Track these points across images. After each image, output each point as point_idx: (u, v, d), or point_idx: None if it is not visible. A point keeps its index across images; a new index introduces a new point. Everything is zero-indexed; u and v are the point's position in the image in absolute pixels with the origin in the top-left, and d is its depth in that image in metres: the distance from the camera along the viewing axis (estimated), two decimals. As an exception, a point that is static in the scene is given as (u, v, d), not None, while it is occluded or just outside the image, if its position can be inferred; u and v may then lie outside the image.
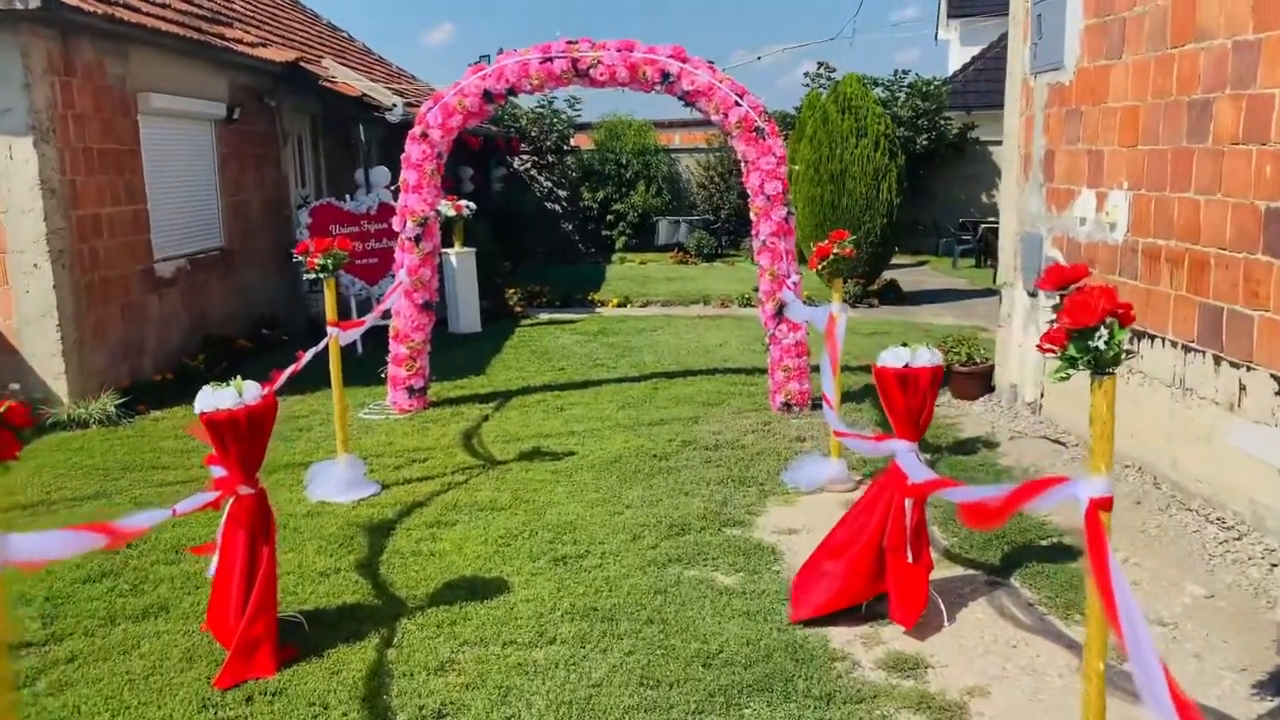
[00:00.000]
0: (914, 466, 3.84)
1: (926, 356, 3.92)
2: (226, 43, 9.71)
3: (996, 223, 19.50)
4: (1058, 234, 6.44)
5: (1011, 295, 7.30)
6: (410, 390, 7.49)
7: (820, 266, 5.56)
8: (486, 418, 7.37)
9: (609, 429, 6.98)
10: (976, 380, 7.56)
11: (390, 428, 7.17)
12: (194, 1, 10.63)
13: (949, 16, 28.58)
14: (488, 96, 7.11)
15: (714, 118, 7.08)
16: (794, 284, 7.09)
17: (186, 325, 9.29)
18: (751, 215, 7.20)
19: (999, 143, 21.30)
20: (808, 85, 21.31)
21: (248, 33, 11.28)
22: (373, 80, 14.28)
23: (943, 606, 4.12)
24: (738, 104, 6.96)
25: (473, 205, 11.06)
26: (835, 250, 5.49)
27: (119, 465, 6.36)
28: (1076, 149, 6.12)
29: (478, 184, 18.86)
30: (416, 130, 7.23)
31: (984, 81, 24.22)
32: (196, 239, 9.73)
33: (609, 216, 21.05)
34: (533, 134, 21.33)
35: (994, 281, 15.78)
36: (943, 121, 20.82)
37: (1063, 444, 6.17)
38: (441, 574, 4.58)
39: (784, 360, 7.22)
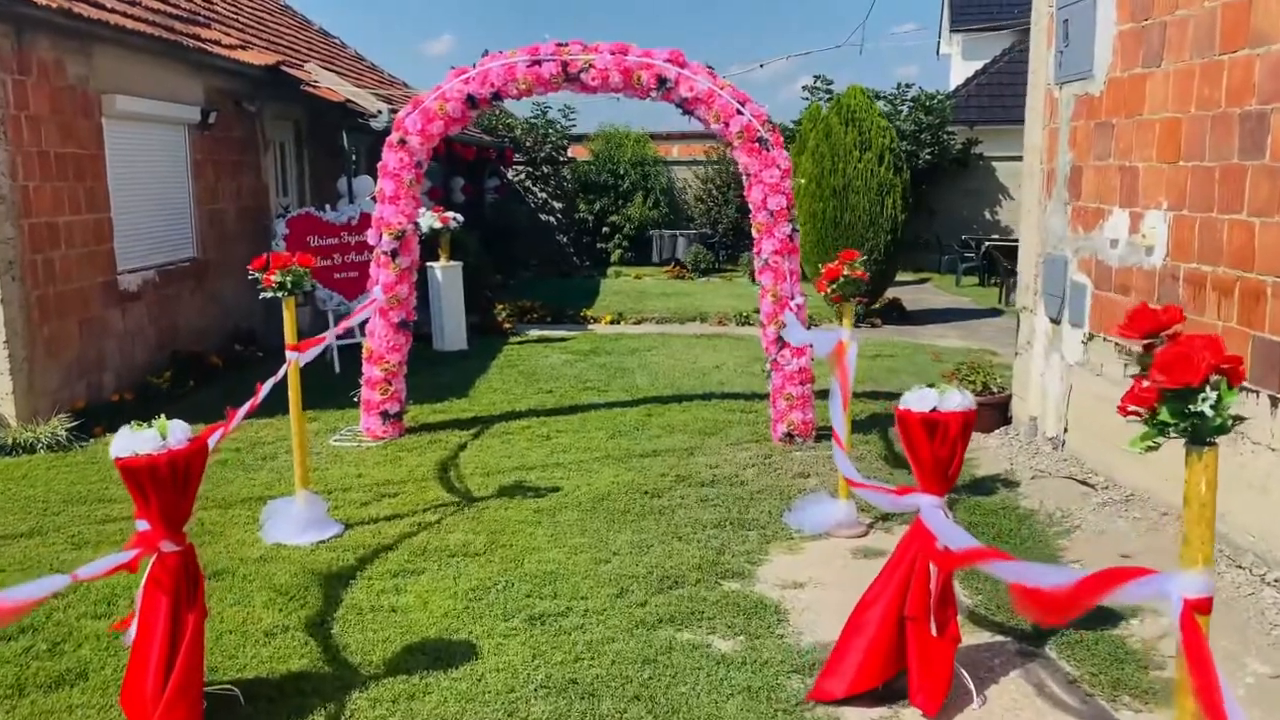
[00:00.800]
0: (943, 526, 3.33)
1: (958, 400, 3.41)
2: (201, 43, 9.22)
3: (1000, 240, 19.10)
4: (1085, 256, 5.95)
5: (1031, 321, 6.80)
6: (385, 416, 6.97)
7: (829, 289, 5.06)
8: (465, 446, 6.84)
9: (597, 461, 6.46)
10: (992, 411, 7.06)
11: (361, 457, 6.65)
12: (169, 0, 10.15)
13: (951, 30, 28.22)
14: (471, 101, 6.62)
15: (713, 127, 6.59)
16: (798, 306, 6.59)
17: (153, 341, 8.76)
18: (753, 232, 6.71)
19: (1004, 158, 21.01)
20: (807, 98, 20.93)
21: (227, 34, 10.80)
22: (363, 88, 13.81)
23: (970, 683, 3.60)
24: (739, 112, 6.48)
25: (459, 217, 10.57)
26: (845, 272, 5.00)
27: (61, 497, 5.82)
28: (1107, 165, 5.64)
29: (469, 195, 18.36)
30: (394, 137, 6.74)
31: (987, 96, 23.88)
32: (166, 249, 9.22)
33: (605, 229, 20.59)
34: (527, 144, 20.88)
35: (1000, 301, 15.31)
36: (946, 136, 20.42)
37: (1091, 486, 5.66)
38: (402, 635, 4.05)
39: (786, 388, 6.71)
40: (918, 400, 3.44)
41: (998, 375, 7.31)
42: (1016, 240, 18.77)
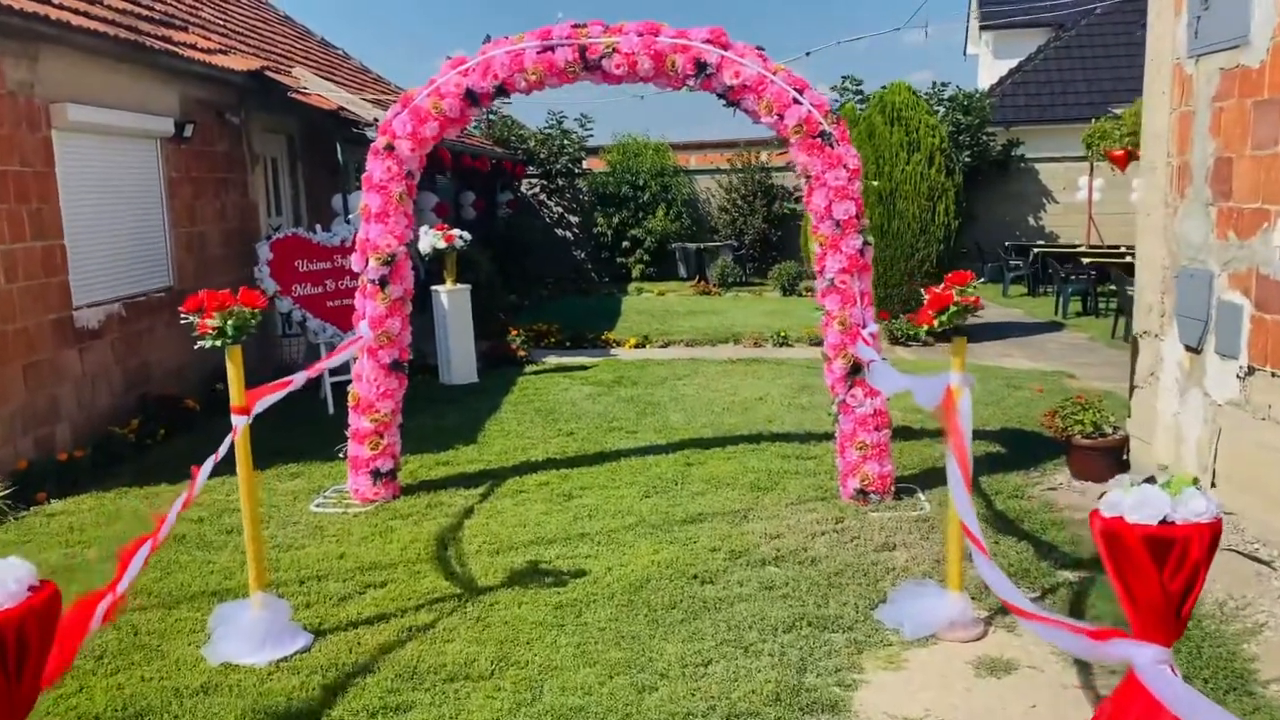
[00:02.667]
0: (1181, 697, 2.15)
1: (1200, 505, 2.23)
2: (172, 46, 8.18)
3: (1049, 246, 17.83)
4: (1239, 270, 4.75)
5: (1157, 349, 5.59)
6: (375, 475, 5.84)
7: (936, 320, 3.89)
8: (471, 511, 5.70)
9: (631, 530, 5.30)
10: (1105, 457, 5.85)
11: (346, 527, 5.51)
12: (140, 1, 9.14)
13: (981, 28, 27.04)
14: (471, 97, 5.51)
15: (764, 120, 5.45)
16: (872, 335, 5.43)
17: (119, 383, 7.69)
18: (814, 246, 5.55)
19: (1046, 159, 19.74)
20: (837, 99, 19.78)
21: (208, 39, 9.78)
22: (362, 95, 12.78)
23: None
24: (796, 102, 5.33)
25: (466, 235, 9.48)
26: (957, 299, 3.83)
27: (-27, 593, 4.71)
28: (1274, 153, 4.45)
29: (481, 210, 17.31)
30: (380, 142, 5.63)
31: (1024, 95, 22.71)
32: (136, 279, 8.15)
33: (624, 243, 19.50)
34: (541, 156, 19.85)
35: (1056, 313, 13.89)
36: (985, 137, 19.21)
37: (1267, 564, 4.45)
38: (375, 825, 2.91)
39: (859, 435, 5.53)
40: (1136, 506, 2.25)
41: (1110, 412, 6.09)
42: (1070, 246, 17.55)
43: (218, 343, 3.93)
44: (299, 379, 4.81)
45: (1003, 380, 9.08)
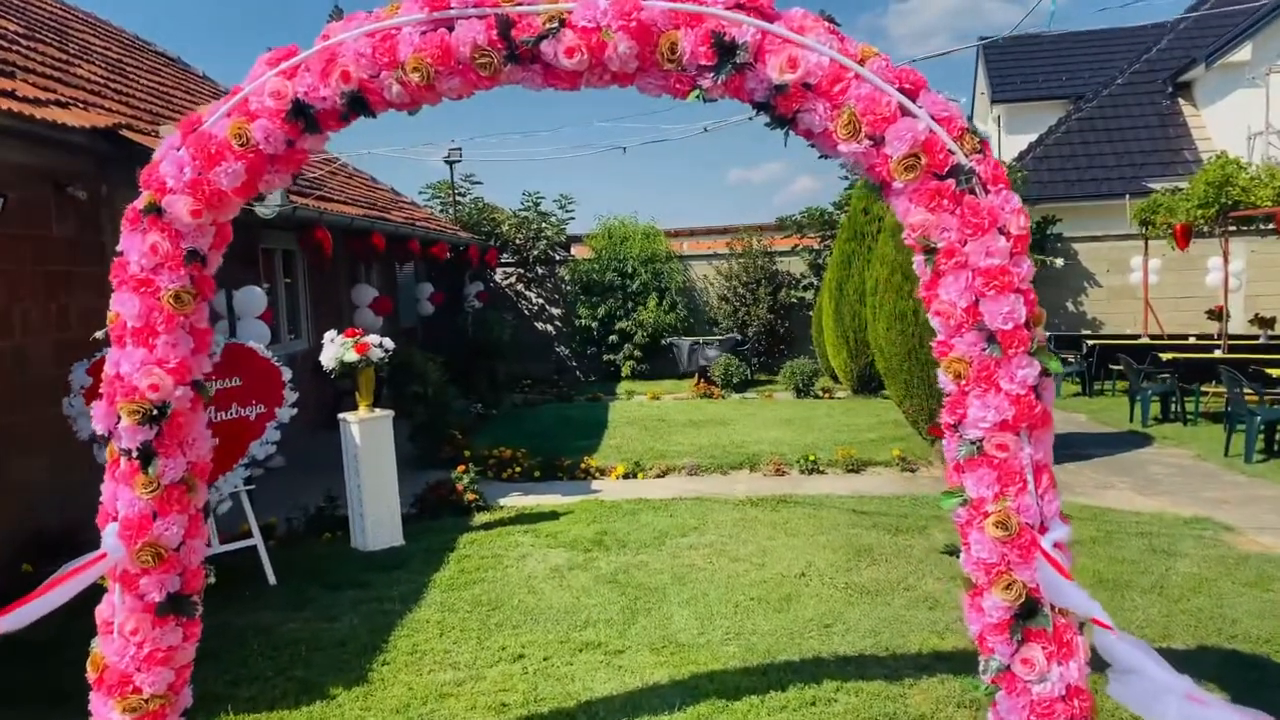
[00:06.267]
0: None
1: None
2: (-46, 87, 5.75)
3: (1099, 337, 15.40)
4: None
5: None
6: (133, 810, 3.15)
7: None
8: None
9: None
10: None
11: None
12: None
13: (993, 102, 25.19)
14: (304, 115, 3.02)
15: (844, 148, 2.95)
16: (1059, 545, 2.85)
17: None
18: (943, 377, 3.00)
19: (1085, 239, 17.39)
20: (847, 178, 17.78)
21: (48, 91, 7.40)
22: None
23: None
24: (905, 113, 2.86)
25: (388, 343, 6.93)
26: None
27: None
28: None
29: (440, 303, 14.87)
30: (140, 201, 3.12)
31: (1046, 171, 20.71)
32: (-109, 418, 5.59)
33: (612, 337, 17.05)
34: (517, 242, 17.57)
35: (1133, 420, 11.14)
36: (1017, 213, 16.93)
37: None
38: None
39: (1039, 734, 2.89)
40: None
41: None
42: (1128, 337, 15.05)
43: None
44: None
45: (1136, 533, 6.46)
